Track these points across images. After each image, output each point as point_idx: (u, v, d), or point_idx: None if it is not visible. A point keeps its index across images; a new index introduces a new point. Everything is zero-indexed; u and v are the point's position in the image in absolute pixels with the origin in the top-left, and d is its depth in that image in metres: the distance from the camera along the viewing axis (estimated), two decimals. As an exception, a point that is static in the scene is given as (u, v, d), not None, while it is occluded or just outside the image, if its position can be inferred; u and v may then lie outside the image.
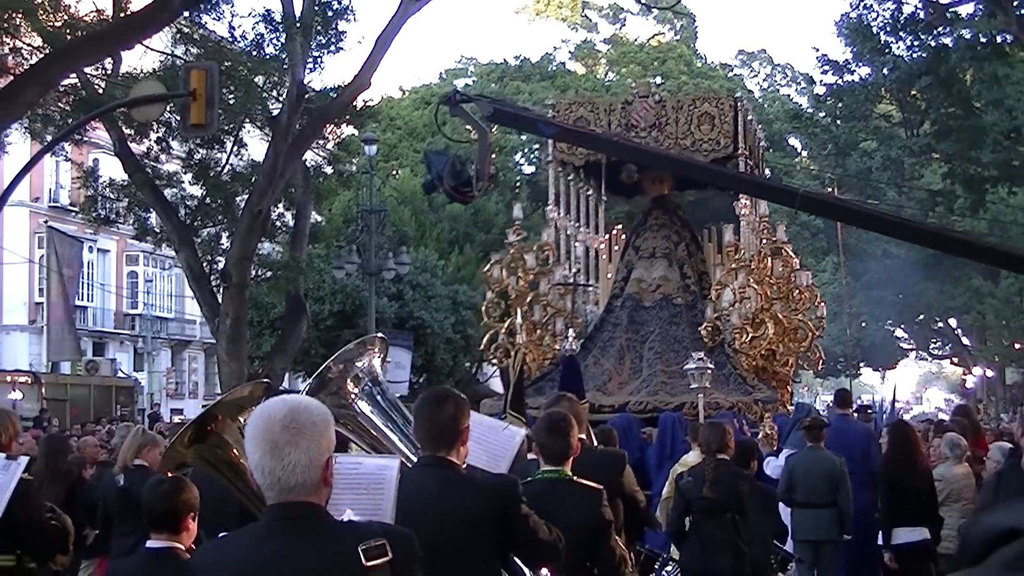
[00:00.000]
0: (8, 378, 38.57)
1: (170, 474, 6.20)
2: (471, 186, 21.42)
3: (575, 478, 7.12)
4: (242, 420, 4.76)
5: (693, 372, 18.42)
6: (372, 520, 4.40)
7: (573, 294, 24.45)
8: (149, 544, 6.07)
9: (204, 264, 31.51)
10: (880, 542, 13.51)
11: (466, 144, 22.09)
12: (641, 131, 23.46)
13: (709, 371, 18.60)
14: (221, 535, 4.56)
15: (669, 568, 11.62)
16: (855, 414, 20.62)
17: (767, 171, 30.94)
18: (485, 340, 23.95)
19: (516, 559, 5.93)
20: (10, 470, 6.44)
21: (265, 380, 9.50)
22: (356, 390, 5.82)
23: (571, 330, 22.45)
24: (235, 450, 4.80)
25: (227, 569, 3.97)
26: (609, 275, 25.70)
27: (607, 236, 26.26)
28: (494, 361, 24.83)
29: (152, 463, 10.17)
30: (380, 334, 7.34)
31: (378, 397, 5.98)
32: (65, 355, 42.95)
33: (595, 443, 9.85)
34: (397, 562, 3.90)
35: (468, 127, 20.29)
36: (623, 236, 26.08)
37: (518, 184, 51.26)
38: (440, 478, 5.62)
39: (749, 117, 24.57)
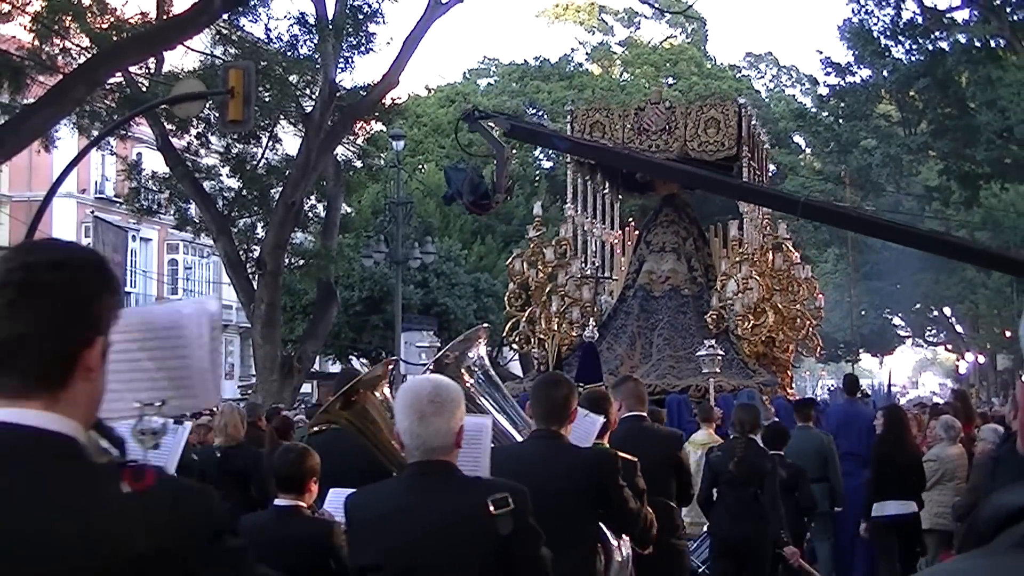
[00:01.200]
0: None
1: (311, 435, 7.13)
2: (489, 199, 21.61)
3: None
4: (376, 393, 5.59)
5: (704, 358, 18.75)
6: (494, 478, 4.96)
7: (596, 285, 24.60)
8: (277, 502, 6.50)
9: (240, 252, 31.60)
10: (874, 515, 13.49)
11: (484, 157, 22.16)
12: (652, 135, 23.76)
13: (719, 357, 18.93)
14: (368, 485, 4.99)
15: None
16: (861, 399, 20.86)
17: (772, 167, 31.09)
18: (507, 327, 24.22)
19: (602, 525, 6.44)
20: (178, 434, 6.54)
21: (393, 359, 10.08)
22: (467, 374, 6.31)
23: (591, 319, 22.75)
24: (373, 415, 5.55)
25: (377, 511, 4.63)
26: (622, 267, 26.05)
27: (621, 231, 26.57)
28: (515, 346, 25.04)
29: (237, 437, 11.21)
30: (486, 324, 8.36)
31: (483, 380, 6.56)
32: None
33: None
34: (516, 512, 4.47)
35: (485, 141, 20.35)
36: (636, 231, 26.31)
37: (537, 179, 51.24)
38: (552, 448, 6.15)
39: (753, 121, 24.79)
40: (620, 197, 27.06)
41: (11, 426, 2.37)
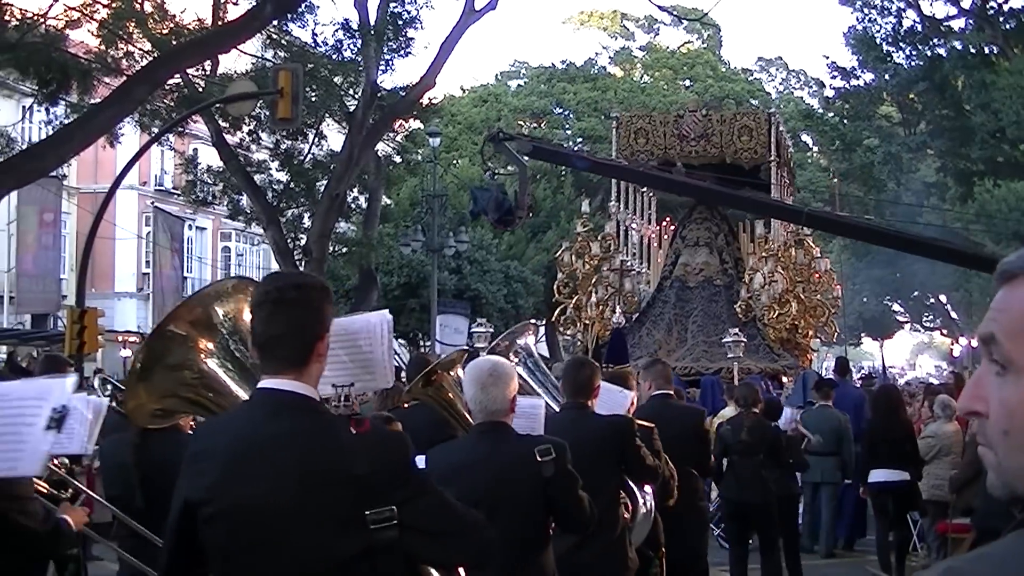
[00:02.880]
0: (120, 338, 38.99)
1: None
2: (512, 215, 21.91)
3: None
4: (452, 373, 6.17)
5: (729, 343, 19.51)
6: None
7: (622, 277, 24.93)
8: None
9: (288, 240, 31.69)
10: (869, 481, 14.01)
11: (509, 175, 22.29)
12: (691, 141, 24.24)
13: (743, 343, 19.76)
14: (443, 444, 5.79)
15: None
16: (860, 381, 21.24)
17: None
18: (556, 313, 24.89)
19: (627, 479, 7.13)
20: (85, 421, 6.30)
21: (465, 348, 10.43)
22: (514, 357, 6.87)
23: (619, 308, 23.48)
24: (449, 392, 6.12)
25: (450, 462, 5.25)
26: (659, 260, 26.46)
27: (658, 226, 26.97)
28: (561, 329, 25.70)
29: None
30: (533, 320, 9.32)
31: (530, 364, 7.28)
32: (167, 318, 43.30)
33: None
34: (557, 459, 5.32)
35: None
36: (672, 227, 26.66)
37: (563, 173, 51.18)
38: (580, 416, 6.90)
39: (781, 129, 25.23)
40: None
41: (278, 391, 3.48)
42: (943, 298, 64.69)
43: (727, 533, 13.05)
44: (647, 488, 7.38)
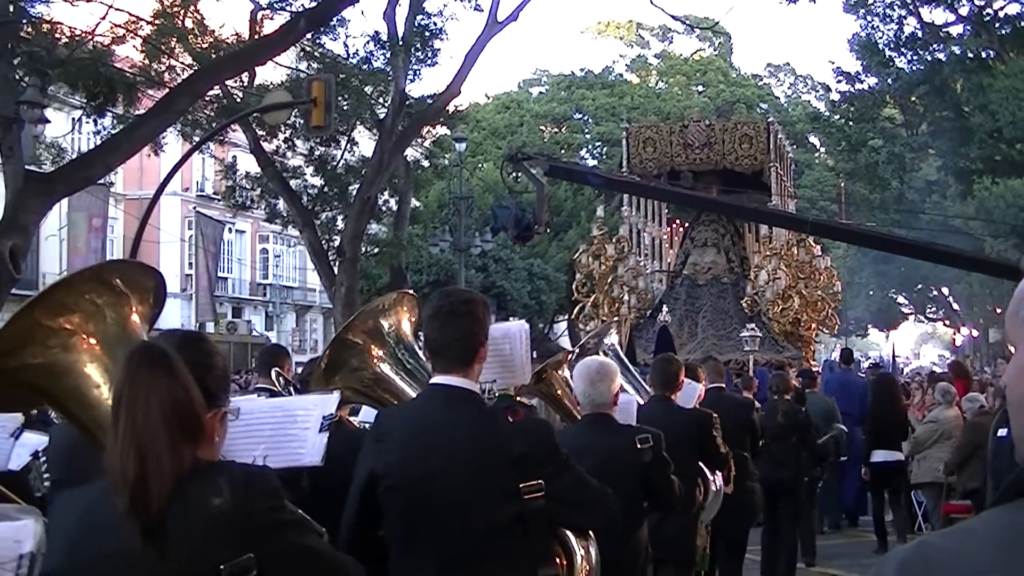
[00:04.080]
0: (164, 336, 39.14)
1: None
2: (530, 231, 22.20)
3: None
4: (559, 371, 6.63)
5: (746, 338, 20.50)
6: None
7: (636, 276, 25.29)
8: None
9: (323, 242, 31.80)
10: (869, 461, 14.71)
11: (527, 193, 22.43)
12: (696, 149, 24.73)
13: (758, 337, 20.72)
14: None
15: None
16: (869, 370, 21.62)
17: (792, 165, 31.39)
18: (575, 310, 25.42)
19: (702, 464, 7.67)
20: (10, 445, 5.98)
21: (570, 350, 10.66)
22: (602, 354, 7.13)
23: (664, 305, 24.08)
24: (557, 389, 6.56)
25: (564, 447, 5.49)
26: (670, 259, 26.76)
27: (668, 228, 27.33)
28: (580, 326, 25.94)
29: None
30: (614, 321, 10.13)
31: (614, 358, 7.40)
32: (207, 317, 43.49)
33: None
34: (655, 448, 5.97)
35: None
36: (681, 228, 26.96)
37: (583, 175, 51.16)
38: (666, 408, 7.55)
39: (779, 136, 25.63)
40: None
41: (448, 386, 4.08)
42: (945, 290, 64.54)
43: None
44: (719, 473, 7.96)
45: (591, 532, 4.54)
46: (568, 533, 4.40)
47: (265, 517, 2.78)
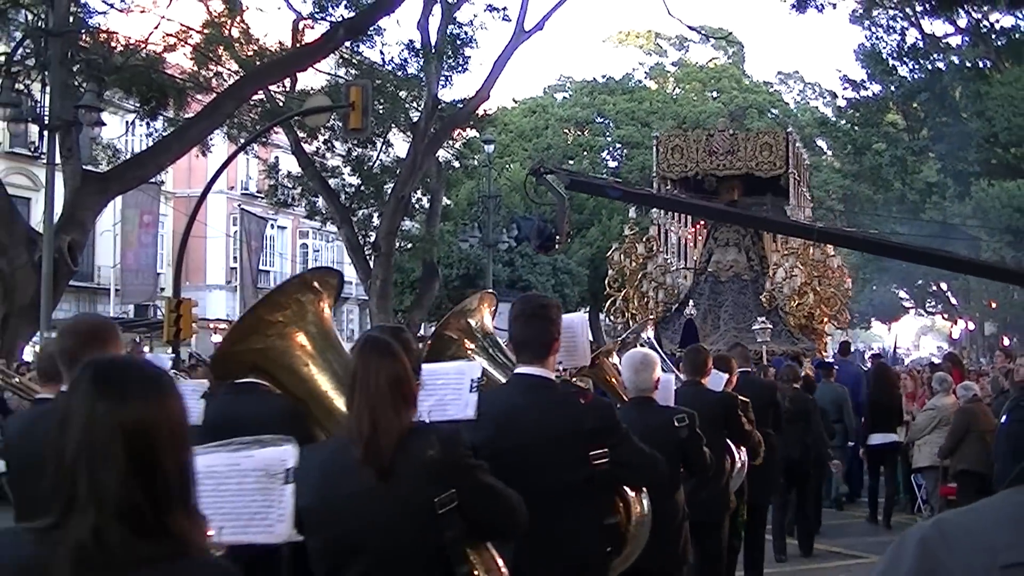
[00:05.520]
0: (211, 325, 39.45)
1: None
2: (552, 241, 22.40)
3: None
4: (610, 359, 7.02)
5: (758, 330, 20.69)
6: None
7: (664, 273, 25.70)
8: None
9: (360, 238, 31.95)
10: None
11: (548, 206, 22.48)
12: (720, 156, 25.27)
13: (769, 328, 20.98)
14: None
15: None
16: (869, 362, 22.12)
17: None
18: (607, 305, 25.62)
19: (729, 441, 8.17)
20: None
21: (618, 342, 10.83)
22: (640, 347, 7.63)
23: (691, 300, 24.66)
24: (608, 374, 6.89)
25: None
26: (695, 258, 27.35)
27: (693, 228, 27.63)
28: (612, 318, 26.33)
29: None
30: (651, 318, 10.57)
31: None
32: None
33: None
34: (689, 425, 6.40)
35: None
36: (705, 229, 27.26)
37: (604, 176, 51.11)
38: (696, 391, 7.99)
39: (797, 144, 26.06)
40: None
41: (530, 375, 4.74)
42: (944, 286, 64.22)
43: None
44: (743, 449, 8.47)
45: (644, 488, 5.23)
46: (626, 488, 5.12)
47: (463, 462, 3.57)
